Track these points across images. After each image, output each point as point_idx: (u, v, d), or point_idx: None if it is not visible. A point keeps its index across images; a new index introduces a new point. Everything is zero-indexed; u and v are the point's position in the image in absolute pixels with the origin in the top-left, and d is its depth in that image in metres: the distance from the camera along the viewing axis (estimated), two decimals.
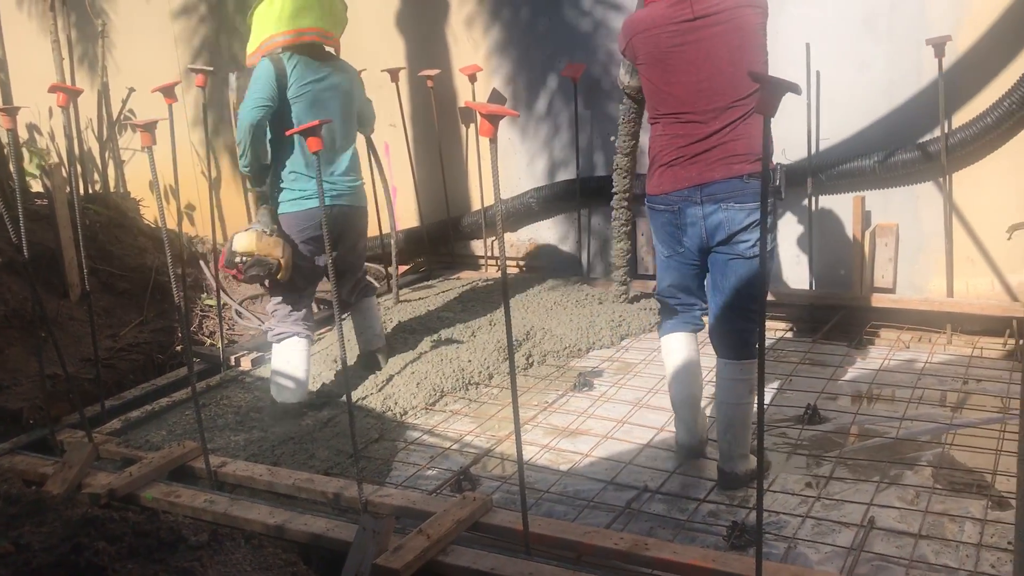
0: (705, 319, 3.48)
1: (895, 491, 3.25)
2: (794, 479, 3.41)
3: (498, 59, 6.17)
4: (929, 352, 4.64)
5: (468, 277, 6.33)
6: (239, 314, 5.83)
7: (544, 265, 6.31)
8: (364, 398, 4.26)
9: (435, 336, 4.92)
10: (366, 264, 4.84)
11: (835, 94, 5.07)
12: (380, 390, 4.34)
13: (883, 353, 4.67)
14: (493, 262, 6.54)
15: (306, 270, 4.17)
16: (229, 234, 7.31)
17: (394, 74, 6.02)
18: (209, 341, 5.53)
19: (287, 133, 3.72)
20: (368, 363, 4.57)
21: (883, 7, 4.83)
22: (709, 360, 3.55)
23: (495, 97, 6.20)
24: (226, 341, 5.22)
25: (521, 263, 6.47)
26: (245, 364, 4.78)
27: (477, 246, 6.57)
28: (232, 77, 6.98)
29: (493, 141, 2.44)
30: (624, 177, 5.21)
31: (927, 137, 4.89)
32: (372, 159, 5.29)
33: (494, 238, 6.46)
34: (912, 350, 4.72)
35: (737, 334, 3.27)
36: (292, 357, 4.17)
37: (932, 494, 3.21)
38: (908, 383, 4.22)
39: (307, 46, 4.05)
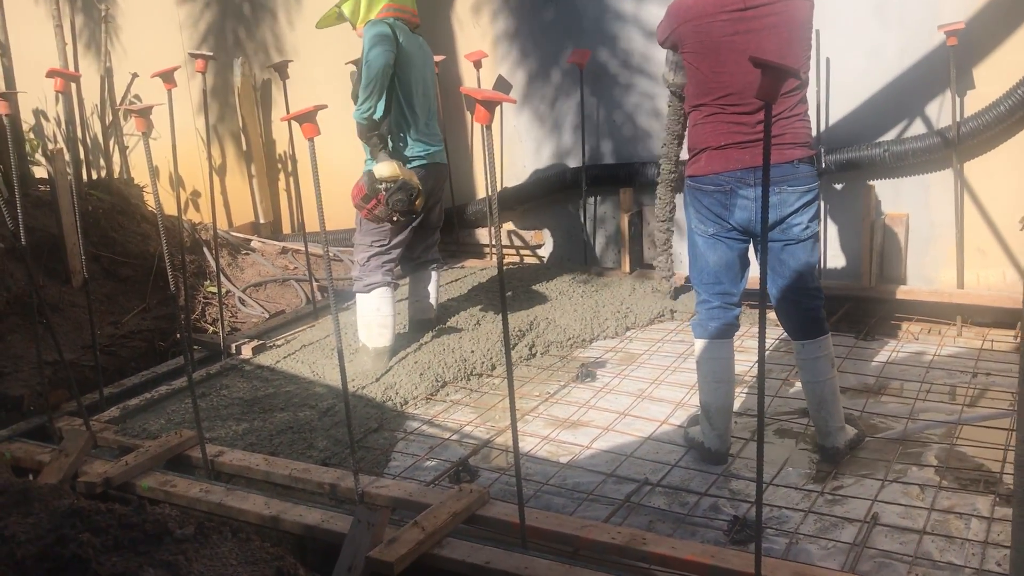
0: (741, 318, 3.49)
1: (900, 487, 3.20)
2: (797, 474, 3.36)
3: (505, 46, 6.11)
4: (938, 344, 4.57)
5: (472, 265, 6.29)
6: (242, 302, 5.80)
7: (550, 254, 6.25)
8: (364, 387, 4.22)
9: (438, 325, 4.87)
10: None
11: (845, 81, 4.99)
12: (380, 379, 4.30)
13: (891, 345, 4.61)
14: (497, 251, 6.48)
15: (401, 226, 4.43)
16: (234, 222, 7.33)
17: None
18: (212, 329, 5.51)
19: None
20: (418, 329, 4.79)
21: None
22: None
23: (500, 84, 6.14)
24: (228, 329, 5.19)
25: (525, 252, 6.41)
26: (246, 352, 4.75)
27: (482, 234, 6.52)
28: (236, 63, 6.96)
29: (488, 127, 2.38)
30: (669, 189, 5.01)
31: (938, 126, 4.81)
32: None
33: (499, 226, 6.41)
34: (921, 342, 4.66)
35: (808, 313, 3.33)
36: (382, 305, 4.45)
37: (938, 490, 3.16)
38: (916, 376, 4.16)
39: (406, 21, 4.42)
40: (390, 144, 4.33)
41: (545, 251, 6.26)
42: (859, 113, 5.00)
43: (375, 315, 4.46)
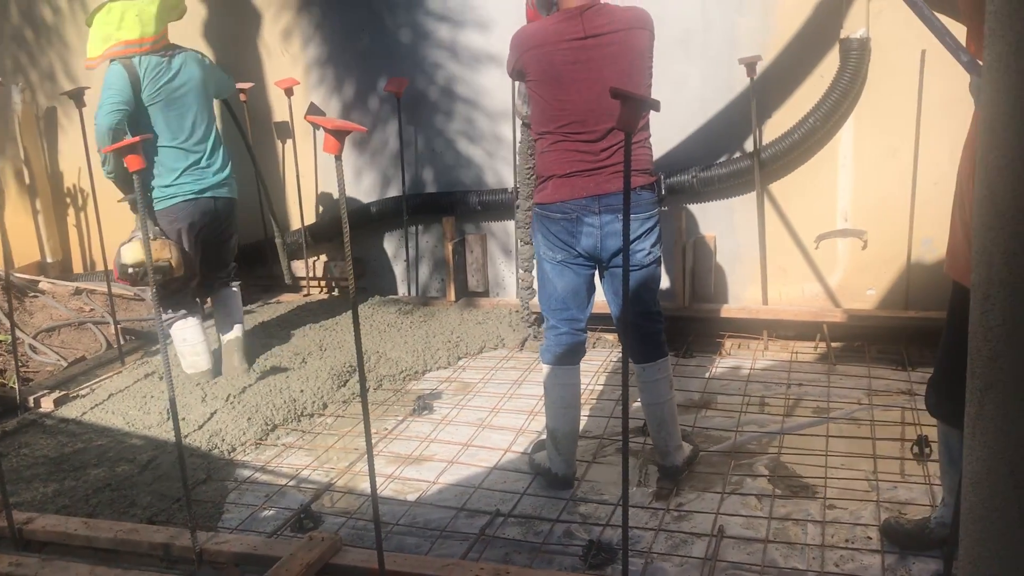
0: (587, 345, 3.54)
1: (739, 498, 3.33)
2: (643, 493, 3.43)
3: (318, 74, 5.95)
4: (752, 359, 4.84)
5: (289, 300, 6.04)
6: (33, 349, 5.27)
7: (373, 285, 6.12)
8: (186, 436, 3.93)
9: (262, 365, 4.63)
10: None
11: (653, 112, 5.19)
12: (203, 426, 4.02)
13: (710, 361, 4.83)
14: (316, 283, 6.28)
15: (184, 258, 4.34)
16: (15, 261, 6.67)
17: None
18: (1, 381, 4.96)
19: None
20: (231, 350, 4.68)
21: (697, 27, 5.02)
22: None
23: (313, 110, 5.96)
24: (22, 379, 4.69)
25: (345, 284, 6.25)
26: (47, 405, 4.31)
27: (298, 267, 6.28)
28: (15, 90, 6.39)
29: (338, 158, 2.27)
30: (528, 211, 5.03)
31: (740, 152, 5.12)
32: (233, 119, 5.26)
33: (315, 258, 6.21)
34: (735, 357, 4.91)
35: (649, 336, 3.40)
36: (187, 334, 4.52)
37: (774, 499, 3.31)
38: (737, 390, 4.38)
39: (154, 51, 4.22)
40: (152, 184, 4.26)
41: (368, 282, 6.11)
42: (667, 142, 5.21)
43: (184, 345, 4.55)
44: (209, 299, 4.83)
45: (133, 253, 4.11)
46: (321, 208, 6.19)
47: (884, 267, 4.98)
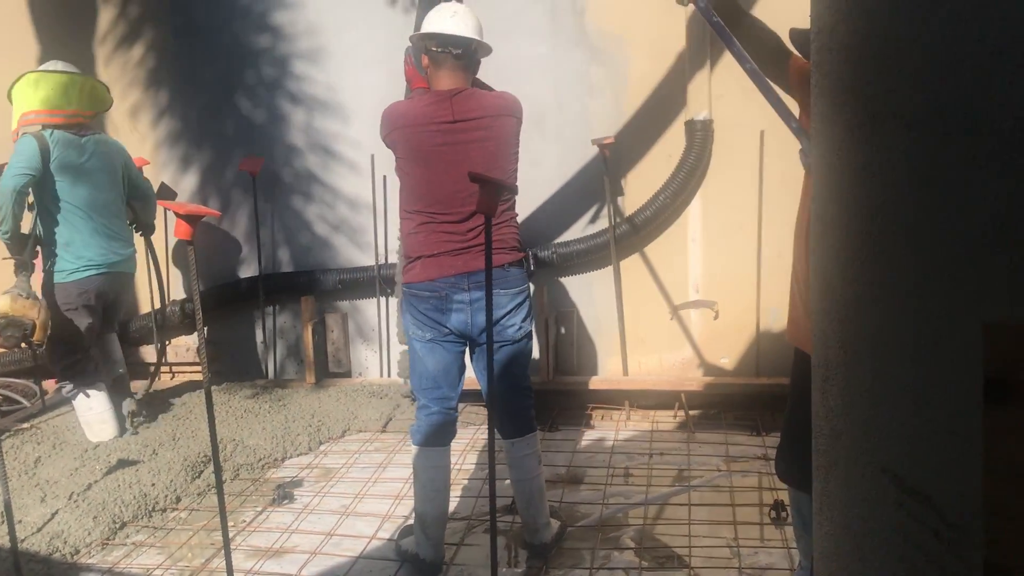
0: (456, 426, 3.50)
1: (607, 574, 3.34)
2: (512, 573, 3.39)
3: (167, 152, 5.79)
4: (615, 429, 4.91)
5: (137, 387, 5.74)
6: None
7: (229, 369, 5.89)
8: (23, 540, 3.62)
9: (108, 458, 4.36)
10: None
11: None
12: (42, 528, 3.73)
13: (574, 434, 4.87)
14: (166, 369, 6.00)
15: (85, 330, 4.55)
16: None
17: None
18: None
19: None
20: (120, 389, 4.88)
21: (550, 110, 5.19)
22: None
23: (164, 191, 5.78)
24: None
25: (195, 369, 5.99)
26: None
27: (147, 352, 5.99)
28: None
29: (190, 243, 2.20)
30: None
31: (596, 229, 5.27)
32: (149, 256, 5.36)
33: (165, 342, 5.94)
34: (599, 428, 4.97)
35: (519, 412, 3.42)
36: (93, 403, 4.61)
37: (640, 572, 3.34)
38: (602, 462, 4.42)
39: (66, 124, 4.44)
40: (59, 254, 4.48)
41: (223, 365, 5.89)
42: (531, 218, 5.30)
43: (89, 413, 4.63)
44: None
45: (1, 304, 4.19)
46: (174, 291, 5.96)
47: (736, 336, 5.20)
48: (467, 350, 3.40)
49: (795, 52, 2.71)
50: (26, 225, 4.45)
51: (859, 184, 1.09)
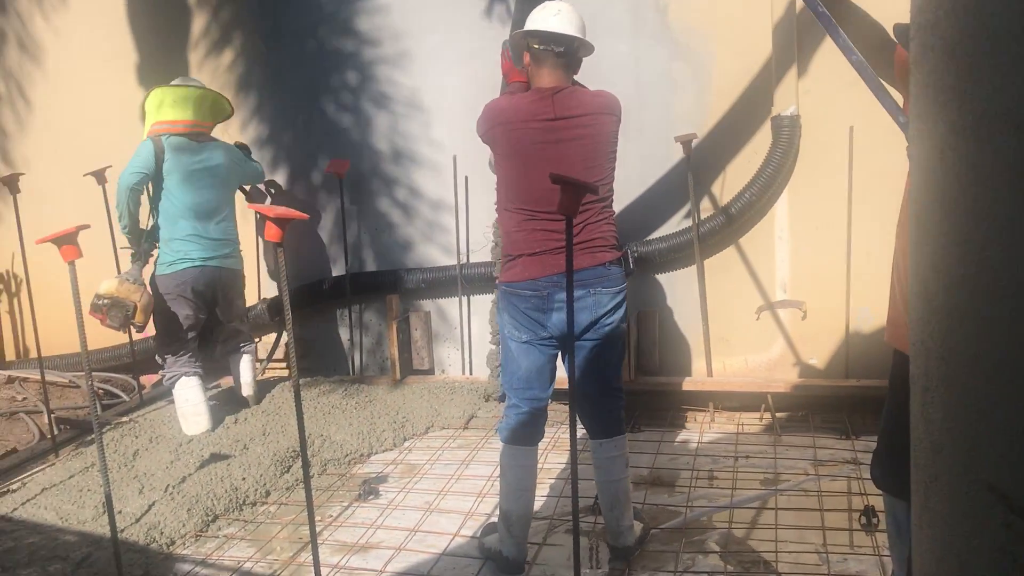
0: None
1: None
2: (594, 574, 3.38)
3: (256, 155, 5.90)
4: (699, 431, 4.84)
5: (229, 383, 5.90)
6: None
7: (317, 366, 6.02)
8: (122, 530, 3.77)
9: (201, 452, 4.50)
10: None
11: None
12: (140, 520, 3.87)
13: (657, 435, 4.82)
14: (258, 366, 6.16)
15: (184, 320, 4.89)
16: None
17: None
18: None
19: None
20: (238, 405, 5.27)
21: (632, 108, 5.12)
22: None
23: (254, 191, 5.92)
24: None
25: (286, 364, 6.14)
26: None
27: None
28: None
29: (280, 246, 2.25)
30: None
31: (679, 228, 5.20)
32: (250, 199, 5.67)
33: (258, 340, 6.10)
34: (683, 430, 4.91)
35: (609, 413, 3.39)
36: (189, 394, 4.87)
37: None
38: (685, 464, 4.36)
39: (184, 132, 4.84)
40: (155, 253, 4.91)
41: (312, 363, 6.02)
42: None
43: (186, 405, 4.87)
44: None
45: (107, 285, 4.64)
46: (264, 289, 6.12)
47: (825, 337, 5.07)
48: (560, 351, 3.39)
49: (898, 44, 2.62)
50: (145, 221, 4.92)
51: (963, 189, 1.04)
